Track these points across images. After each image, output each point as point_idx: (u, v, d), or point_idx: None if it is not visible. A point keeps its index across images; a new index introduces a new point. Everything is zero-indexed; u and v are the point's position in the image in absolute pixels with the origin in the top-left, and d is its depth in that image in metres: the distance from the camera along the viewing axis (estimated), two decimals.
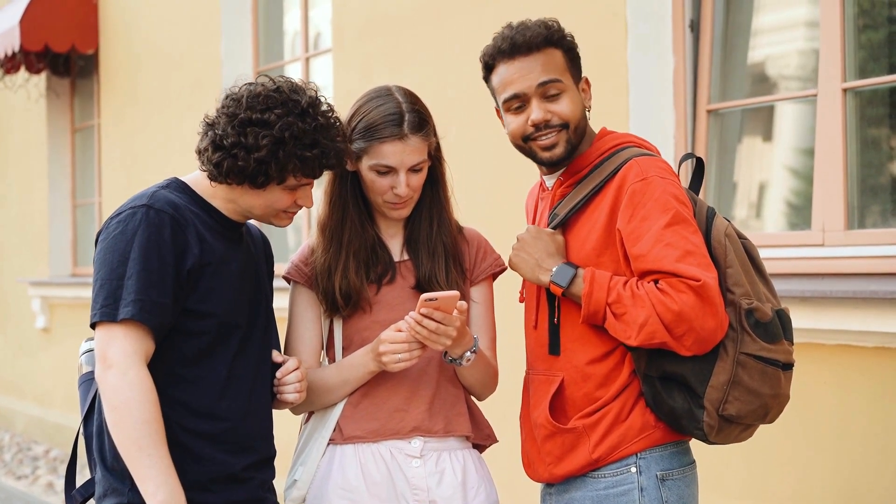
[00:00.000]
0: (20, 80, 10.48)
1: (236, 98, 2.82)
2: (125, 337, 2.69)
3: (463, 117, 5.55)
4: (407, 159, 3.00)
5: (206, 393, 2.82)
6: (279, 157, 2.76)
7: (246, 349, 2.89)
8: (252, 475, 2.90)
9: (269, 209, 2.88)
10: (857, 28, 4.36)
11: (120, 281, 2.71)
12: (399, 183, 3.00)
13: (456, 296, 2.84)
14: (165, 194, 2.83)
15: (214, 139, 2.80)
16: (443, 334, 2.88)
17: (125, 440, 2.66)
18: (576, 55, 2.93)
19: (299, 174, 2.82)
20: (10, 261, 11.63)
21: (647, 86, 4.84)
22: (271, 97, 2.79)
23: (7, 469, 9.59)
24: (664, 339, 2.70)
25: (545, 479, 2.97)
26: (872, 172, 4.44)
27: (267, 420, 2.97)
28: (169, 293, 2.73)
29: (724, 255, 2.78)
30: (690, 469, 2.91)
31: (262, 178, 2.79)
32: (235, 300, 2.86)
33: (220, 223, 2.88)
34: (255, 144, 2.75)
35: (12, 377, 11.58)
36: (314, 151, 2.79)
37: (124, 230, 2.75)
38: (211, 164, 2.81)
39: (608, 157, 2.89)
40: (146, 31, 9.06)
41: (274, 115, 2.76)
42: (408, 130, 2.99)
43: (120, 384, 2.66)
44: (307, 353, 3.13)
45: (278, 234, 8.04)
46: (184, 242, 2.77)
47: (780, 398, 2.80)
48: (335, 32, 6.84)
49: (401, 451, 3.04)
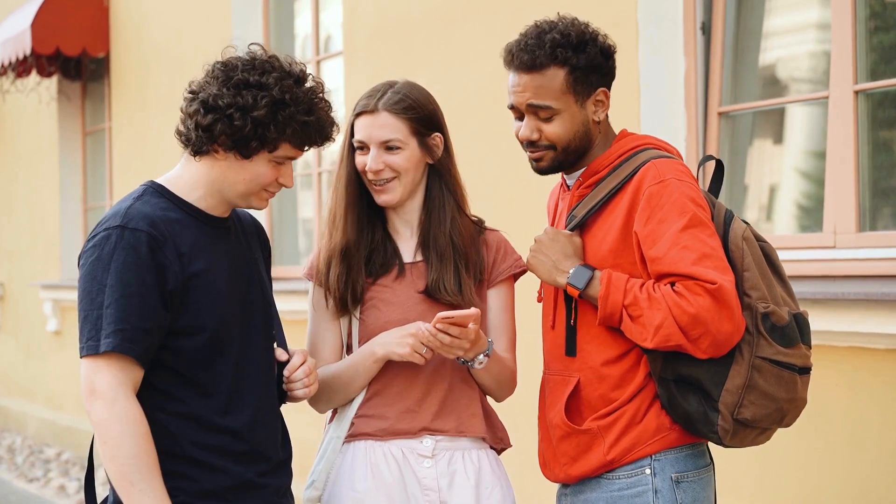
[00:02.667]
0: (31, 84, 10.50)
1: (228, 63, 2.74)
2: (109, 368, 2.62)
3: (474, 120, 5.55)
4: (375, 133, 3.01)
5: (210, 408, 2.74)
6: (279, 120, 2.68)
7: (248, 354, 2.82)
8: (267, 482, 2.84)
9: (252, 184, 2.77)
10: (868, 30, 4.36)
11: (100, 310, 2.63)
12: (370, 158, 3.01)
13: (473, 315, 2.84)
14: (139, 208, 2.72)
15: (206, 101, 2.71)
16: (457, 347, 2.89)
17: (116, 475, 2.63)
18: (591, 68, 2.88)
19: (295, 141, 2.75)
20: (22, 264, 11.65)
21: (659, 88, 4.84)
22: (268, 62, 2.73)
23: (19, 472, 9.61)
24: (680, 341, 2.70)
25: (560, 479, 2.98)
26: (884, 175, 4.44)
27: (276, 424, 2.91)
28: (152, 315, 2.65)
29: (742, 259, 2.78)
30: (706, 471, 2.91)
31: (256, 142, 2.70)
32: (226, 308, 2.77)
33: (203, 222, 2.80)
34: (253, 104, 2.67)
35: (24, 380, 11.60)
36: (311, 118, 2.74)
37: (100, 255, 2.66)
38: (200, 128, 2.71)
39: (627, 158, 2.90)
40: (157, 35, 9.08)
41: (272, 79, 2.70)
42: (380, 106, 3.02)
43: (108, 418, 2.61)
44: (328, 352, 3.13)
45: (290, 236, 8.06)
46: (162, 259, 2.67)
47: (797, 402, 2.80)
48: (346, 35, 6.86)
49: (413, 451, 3.04)
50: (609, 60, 2.94)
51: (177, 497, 2.68)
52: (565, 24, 2.89)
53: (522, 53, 2.86)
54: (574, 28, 2.89)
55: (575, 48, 2.86)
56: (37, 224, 11.30)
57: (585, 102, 2.90)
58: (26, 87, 10.50)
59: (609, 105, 2.95)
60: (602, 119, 2.95)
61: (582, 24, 2.91)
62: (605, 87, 2.93)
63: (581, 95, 2.89)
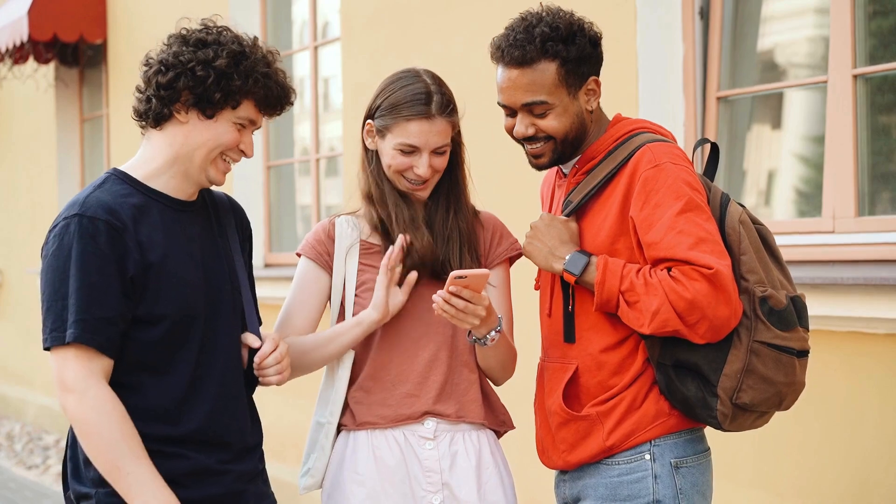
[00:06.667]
0: (29, 71, 10.48)
1: (180, 33, 2.76)
2: (76, 359, 2.61)
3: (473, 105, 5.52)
4: (432, 140, 3.00)
5: (168, 396, 2.72)
6: (240, 70, 2.69)
7: (212, 340, 2.79)
8: (228, 468, 2.81)
9: (213, 145, 2.74)
10: (867, 14, 4.35)
11: (63, 301, 2.62)
12: (421, 164, 3.00)
13: (485, 274, 2.82)
14: (98, 196, 2.69)
15: (166, 60, 2.71)
16: (471, 313, 2.86)
17: (104, 464, 2.62)
18: (581, 59, 2.86)
19: (258, 95, 2.73)
20: (20, 252, 11.65)
21: (657, 73, 4.83)
22: (222, 29, 2.76)
23: (18, 459, 9.62)
24: (677, 326, 2.70)
25: (559, 466, 2.98)
26: (883, 159, 4.43)
27: (241, 412, 2.87)
28: (114, 305, 2.63)
29: (739, 242, 2.78)
30: (705, 456, 2.91)
31: (220, 94, 2.69)
32: (190, 295, 2.74)
33: (167, 205, 2.77)
34: (214, 56, 2.68)
35: (22, 367, 11.61)
36: (270, 70, 2.75)
37: (60, 245, 2.65)
38: (161, 88, 2.70)
39: (622, 143, 2.89)
40: (154, 21, 9.06)
41: (228, 38, 2.73)
42: (435, 111, 3.00)
43: (82, 409, 2.60)
44: (300, 322, 3.11)
45: (288, 223, 8.05)
46: (122, 248, 2.65)
47: (795, 385, 2.80)
48: (343, 21, 6.84)
49: (414, 433, 3.04)
50: (597, 48, 2.92)
51: None
52: (552, 16, 2.86)
53: (512, 49, 2.84)
54: (561, 20, 2.86)
55: (564, 40, 2.84)
56: (35, 211, 11.29)
57: (577, 93, 2.89)
58: (23, 74, 10.48)
59: (600, 93, 2.94)
60: (595, 107, 2.94)
61: (567, 14, 2.89)
62: (595, 76, 2.92)
63: (573, 87, 2.87)
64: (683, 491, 2.83)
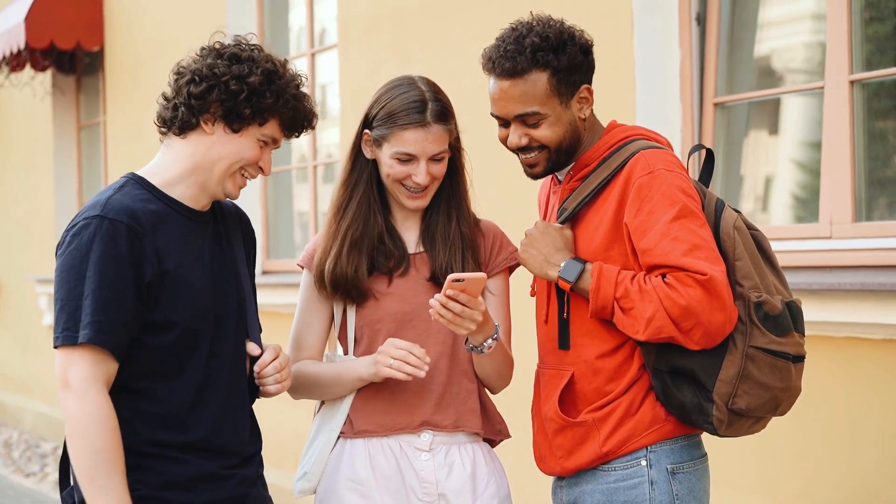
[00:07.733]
0: (25, 78, 10.48)
1: (214, 46, 2.79)
2: (83, 360, 2.62)
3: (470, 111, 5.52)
4: (428, 147, 3.00)
5: (175, 403, 2.74)
6: (273, 88, 2.73)
7: (219, 348, 2.81)
8: (232, 472, 2.83)
9: (235, 158, 2.77)
10: (863, 20, 4.36)
11: (78, 301, 2.63)
12: (419, 171, 3.00)
13: (483, 277, 2.82)
14: (119, 199, 2.71)
15: (200, 70, 2.74)
16: (468, 318, 2.85)
17: (79, 469, 2.63)
18: (572, 68, 2.85)
19: (286, 115, 2.78)
20: (17, 259, 11.64)
21: (654, 79, 4.84)
22: (255, 47, 2.80)
23: (16, 466, 9.61)
24: (672, 333, 2.70)
25: (556, 472, 2.98)
26: (880, 165, 4.44)
27: (244, 420, 2.89)
28: (129, 308, 2.64)
29: (733, 248, 2.78)
30: (702, 462, 2.91)
31: (250, 110, 2.72)
32: (200, 304, 2.76)
33: (183, 214, 2.78)
34: (248, 72, 2.72)
35: (20, 375, 11.60)
36: (300, 93, 2.80)
37: (79, 245, 2.65)
38: (192, 98, 2.72)
39: (616, 149, 2.89)
40: (151, 28, 9.06)
41: (261, 57, 2.77)
42: (430, 118, 3.00)
43: (77, 410, 2.61)
44: (313, 340, 3.14)
45: (285, 229, 8.05)
46: (140, 252, 2.66)
47: (791, 391, 2.79)
48: (341, 28, 6.84)
49: (410, 445, 3.05)
50: (588, 56, 2.91)
51: (139, 490, 2.68)
52: (542, 26, 2.85)
53: (503, 60, 2.84)
54: (552, 29, 2.85)
55: (555, 50, 2.83)
56: (32, 219, 11.29)
57: (570, 102, 2.88)
58: (20, 82, 10.48)
59: (593, 101, 2.93)
60: (588, 115, 2.93)
61: (557, 23, 2.88)
62: (588, 84, 2.91)
63: (565, 96, 2.86)
64: (680, 497, 2.83)
